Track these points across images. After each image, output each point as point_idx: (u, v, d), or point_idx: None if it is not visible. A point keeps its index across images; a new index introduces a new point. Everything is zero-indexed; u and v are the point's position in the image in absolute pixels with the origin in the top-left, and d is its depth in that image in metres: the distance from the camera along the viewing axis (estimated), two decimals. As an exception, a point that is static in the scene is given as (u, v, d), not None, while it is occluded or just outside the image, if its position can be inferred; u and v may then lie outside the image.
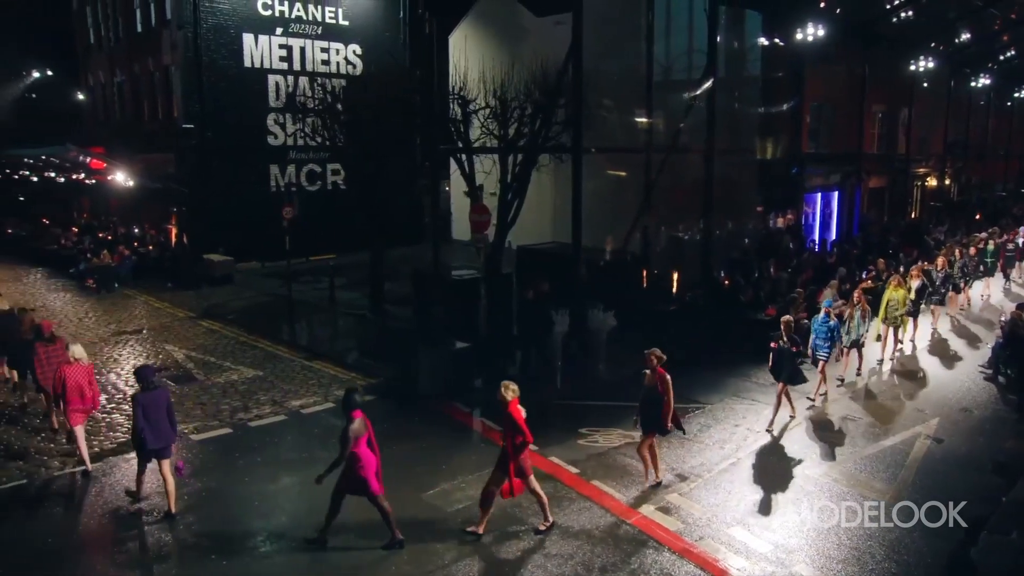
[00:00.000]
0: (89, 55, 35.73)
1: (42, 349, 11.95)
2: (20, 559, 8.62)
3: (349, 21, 29.62)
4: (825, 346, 12.92)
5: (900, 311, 14.92)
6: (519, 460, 8.77)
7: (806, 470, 10.49)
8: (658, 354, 9.89)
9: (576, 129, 15.56)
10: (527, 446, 8.82)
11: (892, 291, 14.90)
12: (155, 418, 9.37)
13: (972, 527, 8.62)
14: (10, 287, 24.54)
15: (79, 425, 10.76)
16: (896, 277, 15.33)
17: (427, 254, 24.20)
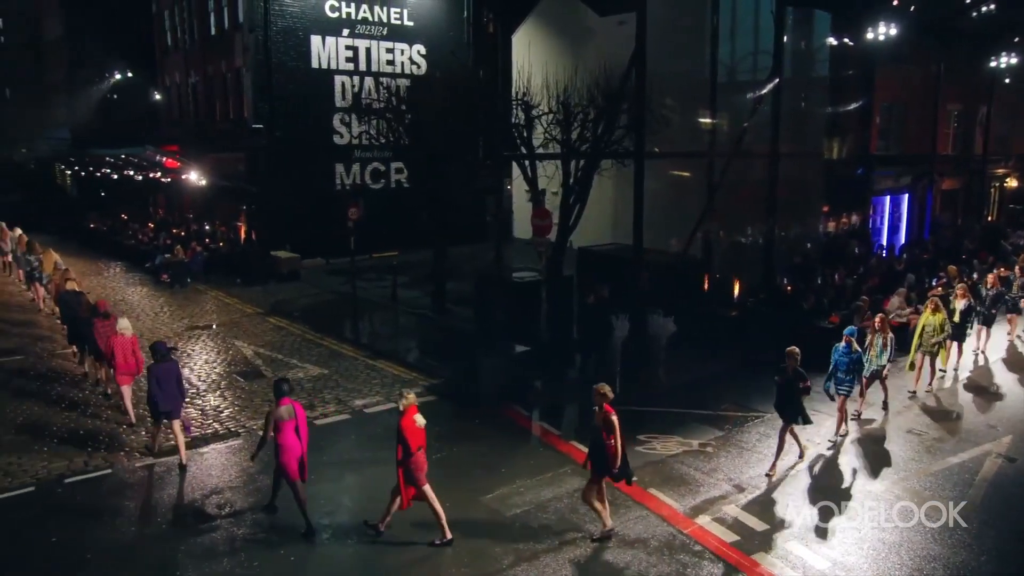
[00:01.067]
0: (166, 57, 37.04)
1: (99, 324, 13.56)
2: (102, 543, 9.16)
3: (414, 22, 30.02)
4: (847, 379, 11.70)
5: (937, 338, 13.53)
6: (406, 468, 8.84)
7: (867, 485, 10.34)
8: (602, 391, 9.01)
9: (639, 134, 15.54)
10: (412, 457, 8.80)
11: (928, 315, 13.58)
12: (166, 385, 11.00)
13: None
14: (92, 280, 25.70)
15: (126, 385, 12.73)
16: (933, 300, 13.87)
17: (488, 253, 24.56)
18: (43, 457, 11.60)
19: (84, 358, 15.26)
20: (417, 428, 8.85)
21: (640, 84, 15.43)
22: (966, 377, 14.95)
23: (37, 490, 10.62)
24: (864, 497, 9.95)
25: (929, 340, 13.55)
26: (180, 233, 30.88)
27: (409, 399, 8.99)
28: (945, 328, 13.65)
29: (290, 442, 9.19)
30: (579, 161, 15.50)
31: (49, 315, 20.61)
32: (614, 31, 25.45)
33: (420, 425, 8.87)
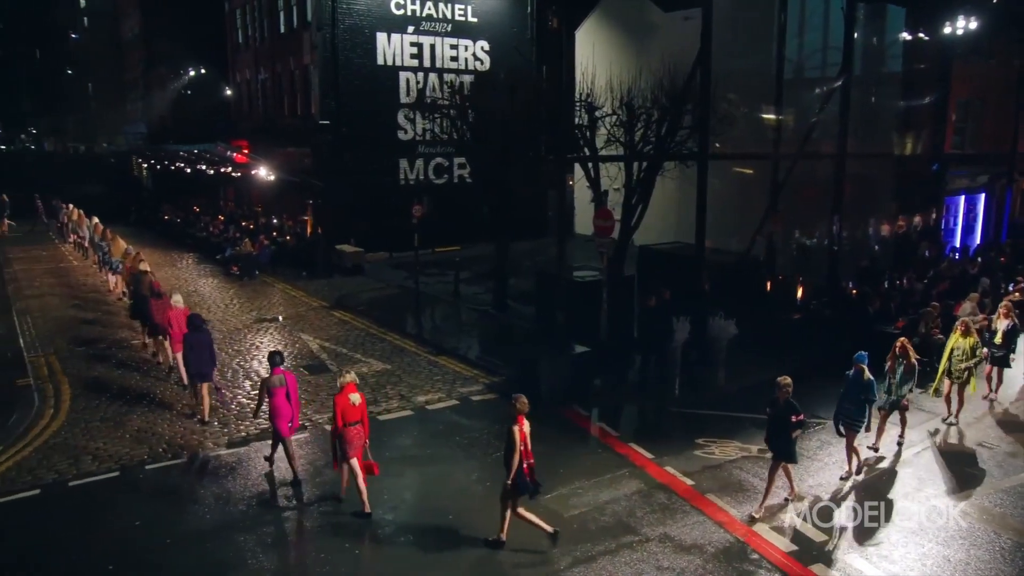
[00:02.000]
0: (237, 54, 38.11)
1: (154, 303, 15.47)
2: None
3: (478, 18, 30.29)
4: (854, 412, 10.47)
5: (967, 363, 12.27)
6: (339, 439, 9.69)
7: (932, 500, 10.15)
8: (519, 403, 8.87)
9: (703, 136, 15.43)
10: (342, 430, 9.62)
11: (958, 338, 12.40)
12: (198, 352, 12.78)
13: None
14: (166, 271, 26.71)
15: (179, 352, 14.01)
16: (963, 322, 12.61)
17: (549, 248, 24.71)
18: (126, 444, 12.24)
19: (144, 332, 16.89)
20: (351, 405, 9.67)
21: (704, 85, 15.31)
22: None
23: (121, 475, 11.22)
24: (929, 512, 9.77)
25: (958, 366, 12.33)
26: (249, 226, 31.82)
27: (347, 378, 9.84)
28: (977, 353, 12.43)
29: (281, 405, 10.46)
30: (642, 163, 15.49)
31: (119, 300, 22.23)
32: (679, 27, 25.27)
33: (354, 403, 9.67)
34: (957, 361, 12.34)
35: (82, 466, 11.47)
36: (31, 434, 12.70)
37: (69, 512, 10.24)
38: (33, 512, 10.23)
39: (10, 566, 9.01)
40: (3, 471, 11.31)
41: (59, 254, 32.57)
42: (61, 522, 9.98)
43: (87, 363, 16.59)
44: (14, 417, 13.40)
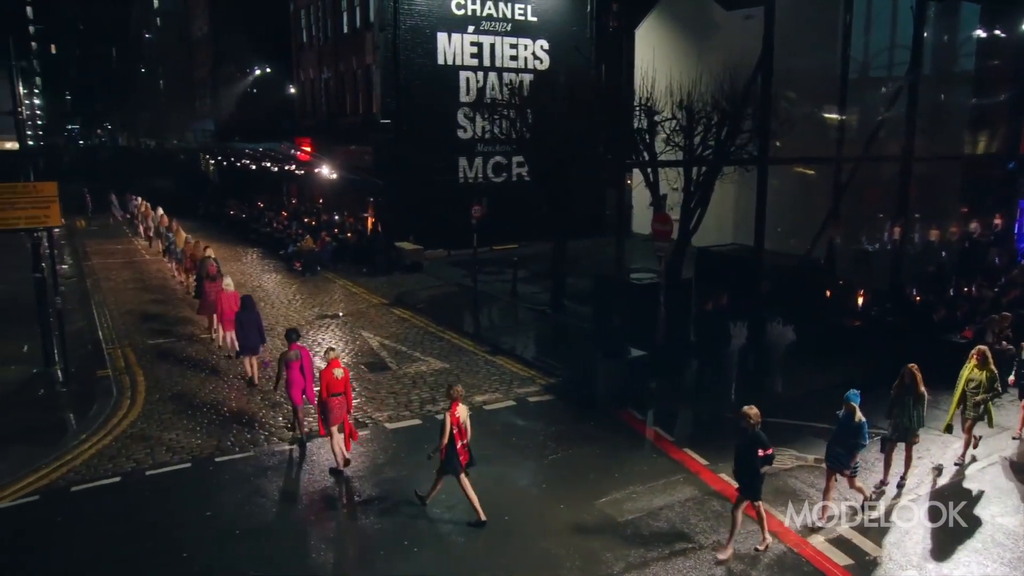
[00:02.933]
0: (301, 53, 38.97)
1: (208, 285, 17.73)
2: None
3: (537, 17, 30.43)
4: (845, 457, 9.58)
5: (982, 397, 11.12)
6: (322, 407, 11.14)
7: (998, 518, 9.94)
8: (453, 391, 9.94)
9: (763, 140, 15.32)
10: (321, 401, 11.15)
11: (972, 369, 11.23)
12: (248, 329, 14.72)
13: None
14: (232, 266, 27.52)
15: (231, 331, 15.88)
16: (979, 350, 11.30)
17: (607, 248, 24.66)
18: (197, 435, 12.82)
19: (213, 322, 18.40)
20: (335, 379, 11.05)
21: (766, 89, 15.20)
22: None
23: (193, 466, 11.76)
24: (994, 530, 9.61)
25: (972, 399, 11.20)
26: (311, 223, 32.58)
27: (331, 355, 11.39)
28: (995, 386, 11.22)
29: (295, 377, 12.01)
30: (701, 167, 15.46)
31: (181, 284, 24.22)
32: (740, 26, 25.01)
33: (337, 376, 11.06)
34: (971, 395, 11.21)
35: (157, 456, 12.07)
36: (110, 424, 13.39)
37: (147, 500, 10.81)
38: (115, 499, 10.84)
39: (96, 549, 9.57)
40: (87, 459, 11.99)
41: (132, 248, 33.90)
42: (140, 509, 10.55)
43: (159, 356, 17.34)
44: (95, 407, 14.12)
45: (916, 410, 10.40)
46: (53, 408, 14.20)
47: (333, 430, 11.15)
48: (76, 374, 15.66)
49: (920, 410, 10.42)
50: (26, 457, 11.98)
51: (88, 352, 17.52)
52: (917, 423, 10.46)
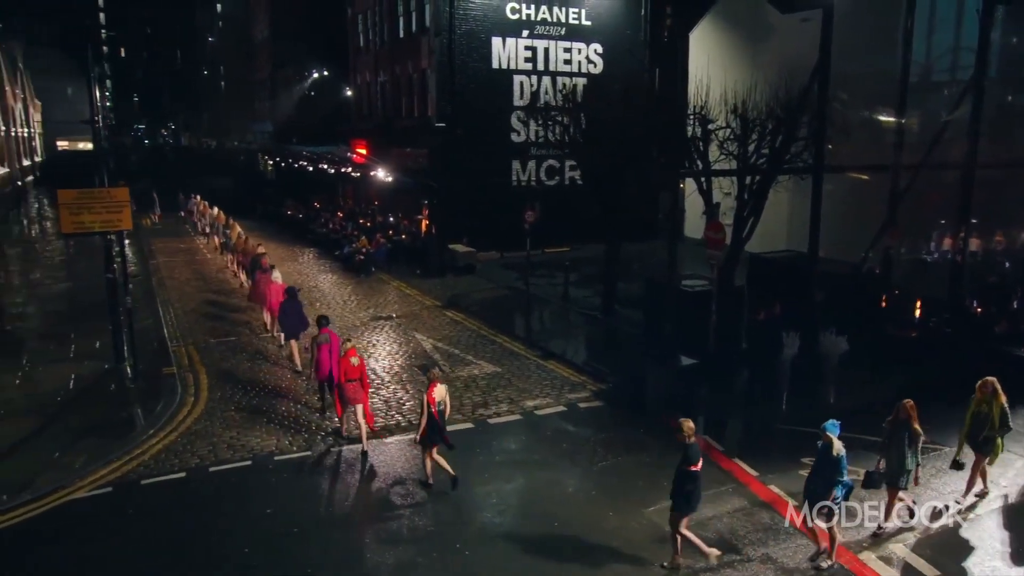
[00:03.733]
0: (358, 57, 39.69)
1: (260, 276, 19.19)
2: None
3: (591, 21, 30.49)
4: (824, 493, 8.95)
5: (988, 433, 10.25)
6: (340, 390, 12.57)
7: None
8: (430, 373, 11.36)
9: (818, 149, 15.18)
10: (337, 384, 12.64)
11: (979, 401, 10.37)
12: (291, 315, 16.49)
13: None
14: (288, 266, 28.22)
15: (273, 319, 18.02)
16: (987, 382, 10.33)
17: (659, 252, 24.72)
18: (257, 434, 13.29)
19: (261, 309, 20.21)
20: (351, 366, 12.39)
21: (822, 97, 15.05)
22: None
23: (253, 464, 12.21)
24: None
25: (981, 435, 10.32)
26: (366, 224, 33.20)
27: (347, 346, 12.66)
28: (1007, 422, 10.27)
29: (323, 358, 13.33)
30: (754, 176, 15.41)
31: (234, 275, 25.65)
32: (796, 29, 24.72)
33: (353, 364, 12.40)
34: (978, 430, 10.33)
35: (220, 453, 12.56)
36: (175, 420, 13.95)
37: (210, 496, 11.28)
38: (180, 493, 11.34)
39: (165, 540, 10.05)
40: (155, 453, 12.54)
41: (194, 247, 34.95)
42: (204, 504, 11.02)
43: (221, 354, 17.95)
44: (161, 404, 14.70)
45: (911, 450, 9.52)
46: (123, 403, 14.84)
47: (351, 410, 12.72)
48: (144, 371, 16.31)
49: (915, 450, 9.55)
50: (100, 450, 12.58)
51: (154, 349, 18.19)
52: (912, 464, 9.57)
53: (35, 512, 10.74)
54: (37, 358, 17.56)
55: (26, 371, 16.71)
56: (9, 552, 9.85)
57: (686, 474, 8.92)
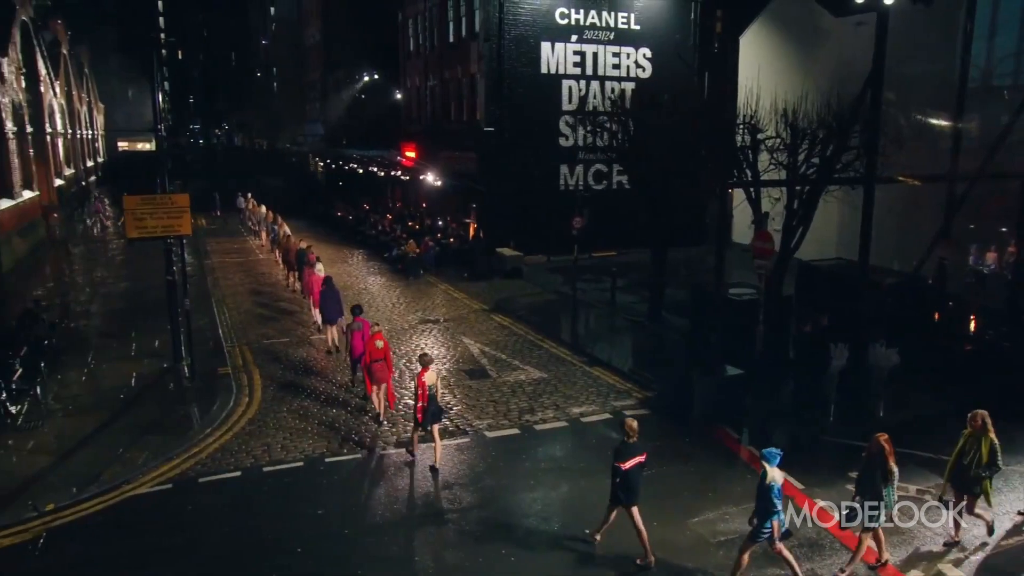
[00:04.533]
0: (408, 61, 40.21)
1: (307, 269, 21.35)
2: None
3: (640, 25, 30.44)
4: (760, 526, 8.72)
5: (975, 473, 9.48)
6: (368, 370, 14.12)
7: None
8: (424, 358, 12.28)
9: (870, 157, 14.98)
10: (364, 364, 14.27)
11: (968, 436, 9.62)
12: (329, 301, 18.16)
13: None
14: (338, 267, 28.80)
15: (317, 308, 19.58)
16: (977, 416, 9.57)
17: (707, 257, 24.62)
18: (308, 436, 13.66)
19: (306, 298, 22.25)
20: (376, 348, 13.92)
21: (875, 106, 14.85)
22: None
23: (305, 466, 12.57)
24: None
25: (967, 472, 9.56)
26: (415, 227, 33.64)
27: (374, 330, 14.20)
28: (997, 461, 9.43)
29: (356, 342, 14.81)
30: (804, 187, 15.28)
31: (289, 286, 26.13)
32: (850, 33, 24.41)
33: (378, 347, 13.91)
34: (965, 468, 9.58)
35: (273, 454, 12.96)
36: (231, 420, 14.43)
37: (264, 495, 11.65)
38: (236, 492, 11.75)
39: (221, 537, 10.45)
40: (211, 452, 13.01)
41: (247, 247, 35.87)
42: (258, 503, 11.40)
43: (273, 355, 18.45)
44: (217, 403, 15.22)
45: (886, 489, 8.98)
46: (181, 402, 15.41)
47: (378, 388, 14.17)
48: (200, 370, 16.87)
49: (890, 490, 8.99)
50: (161, 447, 13.10)
51: (210, 349, 18.77)
52: (887, 504, 9.00)
53: (103, 505, 11.26)
54: (101, 356, 18.29)
55: (91, 368, 17.42)
56: (80, 542, 10.35)
57: (615, 469, 9.55)
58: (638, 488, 9.60)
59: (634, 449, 9.57)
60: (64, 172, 46.99)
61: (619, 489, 9.56)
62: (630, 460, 9.49)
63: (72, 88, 54.48)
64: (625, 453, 9.52)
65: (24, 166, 32.66)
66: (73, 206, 47.07)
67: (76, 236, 39.19)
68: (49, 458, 12.76)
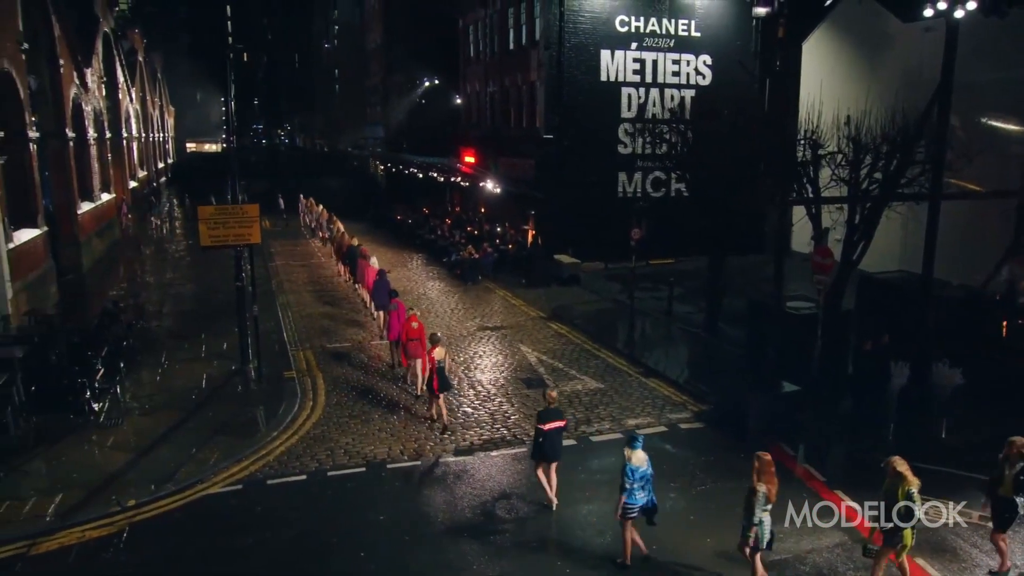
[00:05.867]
0: (468, 67, 40.70)
1: (361, 261, 23.78)
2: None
3: (701, 32, 30.32)
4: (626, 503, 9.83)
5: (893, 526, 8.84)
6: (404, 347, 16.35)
7: None
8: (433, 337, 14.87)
9: (936, 173, 14.77)
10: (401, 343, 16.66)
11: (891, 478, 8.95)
12: (381, 291, 20.20)
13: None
14: (398, 272, 29.35)
15: (370, 296, 21.98)
16: (888, 462, 9.04)
17: (766, 267, 24.39)
18: (370, 442, 14.11)
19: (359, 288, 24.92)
20: (412, 329, 15.92)
21: (943, 121, 14.63)
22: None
23: (367, 471, 13.01)
24: None
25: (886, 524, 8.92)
26: (473, 232, 34.07)
27: (410, 312, 16.47)
28: (915, 513, 8.72)
29: (394, 323, 17.23)
30: (866, 204, 15.14)
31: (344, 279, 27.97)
32: (918, 38, 23.94)
33: (414, 327, 15.91)
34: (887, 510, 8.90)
35: (336, 459, 13.43)
36: (296, 424, 14.97)
37: (329, 499, 12.11)
38: (302, 495, 12.23)
39: (289, 539, 10.93)
40: (279, 455, 13.55)
41: (309, 249, 36.80)
42: (323, 507, 11.86)
43: (336, 359, 19.01)
44: (283, 407, 15.79)
45: (758, 511, 8.97)
46: (248, 404, 16.02)
47: (412, 363, 16.19)
48: (266, 373, 17.51)
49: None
50: (230, 448, 13.69)
51: (276, 353, 19.42)
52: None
53: (179, 503, 11.88)
54: (173, 356, 19.10)
55: (164, 368, 18.22)
56: (159, 539, 10.96)
57: (537, 431, 11.43)
58: (558, 448, 11.61)
59: (555, 414, 11.59)
60: (138, 174, 48.91)
61: (543, 447, 11.40)
62: (550, 423, 11.40)
63: (146, 93, 56.62)
64: (546, 417, 11.42)
65: (103, 170, 34.17)
66: (145, 207, 48.94)
67: (146, 236, 40.77)
68: (128, 455, 13.46)
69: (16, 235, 20.51)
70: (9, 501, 11.73)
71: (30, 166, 22.25)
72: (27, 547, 10.60)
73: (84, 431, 14.36)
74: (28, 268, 20.95)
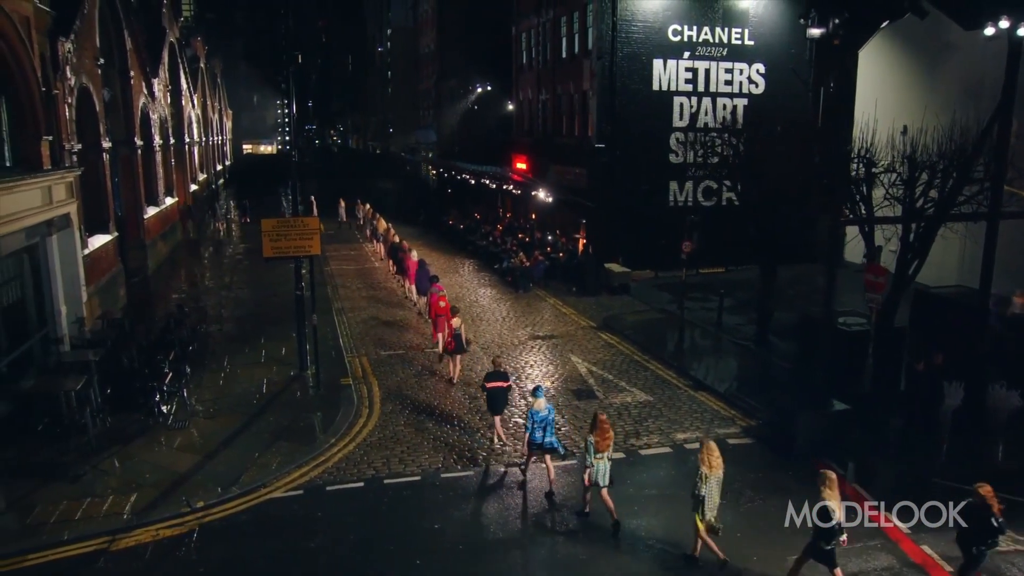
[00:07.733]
0: (520, 74, 41.04)
1: (401, 254, 27.31)
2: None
3: (754, 41, 30.16)
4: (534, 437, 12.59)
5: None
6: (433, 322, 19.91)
7: None
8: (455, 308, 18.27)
9: (995, 191, 14.60)
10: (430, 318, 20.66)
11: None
12: (423, 278, 23.73)
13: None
14: (450, 278, 29.82)
15: (412, 283, 25.39)
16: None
17: (817, 278, 24.14)
18: (425, 450, 14.55)
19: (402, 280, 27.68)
20: (439, 307, 19.22)
21: (1003, 138, 14.45)
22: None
23: (421, 479, 13.44)
24: None
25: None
26: (525, 239, 34.41)
27: (440, 293, 20.11)
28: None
29: (435, 304, 19.79)
30: (920, 223, 15.04)
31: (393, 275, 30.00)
32: (980, 47, 23.45)
33: (441, 306, 19.14)
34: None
35: (392, 467, 13.90)
36: (353, 431, 15.49)
37: (386, 507, 12.55)
38: (360, 502, 12.71)
39: (349, 545, 11.43)
40: (337, 461, 14.08)
41: (363, 253, 37.56)
42: (380, 515, 12.32)
43: (391, 366, 19.54)
44: (340, 413, 16.33)
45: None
46: (307, 410, 16.61)
47: (441, 335, 18.72)
48: (324, 380, 18.09)
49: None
50: (291, 453, 14.28)
51: (332, 359, 20.00)
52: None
53: (243, 506, 12.48)
54: (235, 361, 19.85)
55: (227, 372, 18.96)
56: (227, 540, 11.54)
57: (482, 387, 14.73)
58: (500, 404, 14.58)
59: (499, 376, 14.54)
60: (198, 177, 50.46)
61: (488, 402, 14.64)
62: (492, 383, 14.40)
63: (207, 98, 58.37)
64: (490, 378, 14.49)
65: (167, 175, 35.46)
66: (204, 209, 50.39)
67: (206, 238, 42.06)
68: (195, 457, 14.14)
69: (90, 241, 21.54)
70: (90, 498, 12.47)
71: (103, 175, 23.35)
72: (108, 543, 11.30)
73: (154, 432, 15.11)
74: (100, 273, 21.99)
